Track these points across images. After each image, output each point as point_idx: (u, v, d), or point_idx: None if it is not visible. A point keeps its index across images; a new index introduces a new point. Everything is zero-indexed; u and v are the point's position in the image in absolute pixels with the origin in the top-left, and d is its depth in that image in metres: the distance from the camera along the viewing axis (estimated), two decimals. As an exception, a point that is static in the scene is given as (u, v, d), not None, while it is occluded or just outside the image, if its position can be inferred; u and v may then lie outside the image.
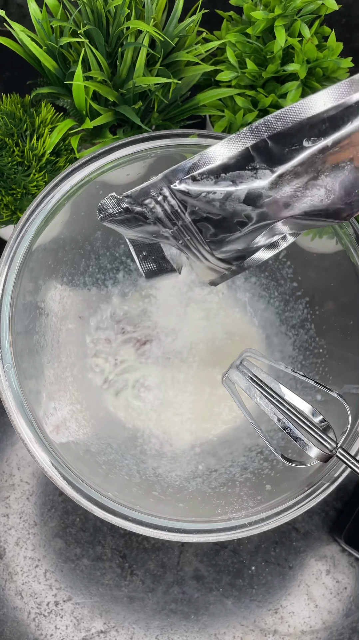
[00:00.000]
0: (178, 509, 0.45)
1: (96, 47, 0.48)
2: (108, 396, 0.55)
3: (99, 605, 0.54)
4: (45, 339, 0.48)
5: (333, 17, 0.58)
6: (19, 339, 0.43)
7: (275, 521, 0.42)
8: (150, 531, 0.41)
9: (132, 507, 0.42)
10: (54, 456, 0.41)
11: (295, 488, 0.43)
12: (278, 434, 0.52)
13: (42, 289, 0.47)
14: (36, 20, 0.49)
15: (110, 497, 0.42)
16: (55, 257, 0.48)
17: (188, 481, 0.49)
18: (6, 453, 0.57)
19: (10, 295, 0.42)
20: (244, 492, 0.47)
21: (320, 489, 0.42)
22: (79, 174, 0.44)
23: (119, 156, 0.44)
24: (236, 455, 0.52)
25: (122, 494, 0.44)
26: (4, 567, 0.54)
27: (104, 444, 0.50)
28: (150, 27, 0.47)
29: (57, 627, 0.53)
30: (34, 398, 0.44)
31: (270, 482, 0.47)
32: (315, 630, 0.54)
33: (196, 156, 0.33)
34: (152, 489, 0.47)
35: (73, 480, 0.41)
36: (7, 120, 0.48)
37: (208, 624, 0.54)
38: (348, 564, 0.55)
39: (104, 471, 0.47)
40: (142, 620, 0.53)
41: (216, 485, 0.48)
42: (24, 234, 0.43)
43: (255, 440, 0.52)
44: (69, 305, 0.51)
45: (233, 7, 0.52)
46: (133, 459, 0.50)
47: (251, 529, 0.42)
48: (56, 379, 0.49)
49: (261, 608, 0.54)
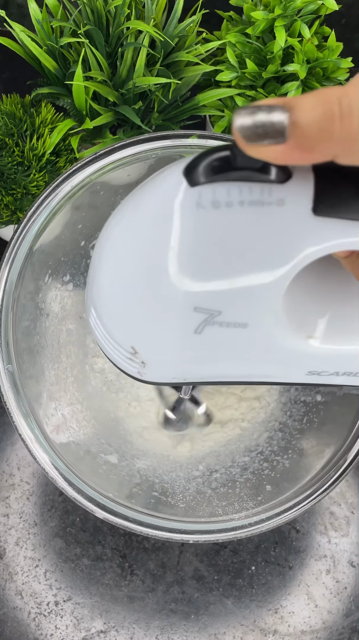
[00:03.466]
0: (179, 510, 0.45)
1: (96, 47, 0.48)
2: (108, 396, 0.55)
3: (99, 605, 0.54)
4: (45, 339, 0.48)
5: (332, 17, 0.58)
6: (19, 339, 0.43)
7: (276, 521, 0.42)
8: (151, 532, 0.41)
9: (133, 507, 0.42)
10: (54, 456, 0.41)
11: (295, 488, 0.43)
12: (278, 435, 0.52)
13: (43, 290, 0.47)
14: (36, 21, 0.49)
15: (110, 498, 0.42)
16: (56, 257, 0.48)
17: (189, 482, 0.49)
18: (6, 453, 0.57)
19: (12, 296, 0.42)
20: (244, 493, 0.47)
21: (321, 489, 0.42)
22: (80, 174, 0.44)
23: (120, 157, 0.44)
24: (237, 456, 0.52)
25: (122, 494, 0.44)
26: (4, 567, 0.55)
27: (105, 444, 0.50)
28: (150, 27, 0.47)
29: (57, 627, 0.53)
30: (35, 398, 0.44)
31: (270, 482, 0.47)
32: (315, 630, 0.54)
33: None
34: (153, 490, 0.47)
35: (74, 481, 0.41)
36: (7, 120, 0.48)
37: (208, 623, 0.54)
38: (348, 563, 0.55)
39: (104, 472, 0.47)
40: (142, 620, 0.53)
41: (217, 486, 0.48)
42: (25, 234, 0.43)
43: (254, 441, 0.52)
44: (70, 306, 0.52)
45: (233, 7, 0.52)
46: (133, 459, 0.50)
47: (252, 530, 0.42)
48: (56, 379, 0.49)
49: (261, 608, 0.54)
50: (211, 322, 0.23)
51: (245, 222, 0.20)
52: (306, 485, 0.43)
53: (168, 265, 0.22)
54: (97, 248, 0.25)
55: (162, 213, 0.21)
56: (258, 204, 0.20)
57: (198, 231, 0.21)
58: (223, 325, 0.23)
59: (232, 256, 0.21)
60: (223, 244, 0.21)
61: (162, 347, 0.25)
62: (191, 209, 0.21)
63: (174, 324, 0.23)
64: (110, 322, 0.25)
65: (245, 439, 0.53)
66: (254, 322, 0.23)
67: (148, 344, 0.25)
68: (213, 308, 0.22)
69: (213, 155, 0.20)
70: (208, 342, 0.24)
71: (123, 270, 0.23)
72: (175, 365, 0.26)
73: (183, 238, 0.21)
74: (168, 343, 0.24)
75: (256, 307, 0.22)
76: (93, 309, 0.26)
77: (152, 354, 0.25)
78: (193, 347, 0.24)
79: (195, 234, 0.21)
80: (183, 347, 0.24)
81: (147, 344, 0.25)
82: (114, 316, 0.25)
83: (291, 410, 0.52)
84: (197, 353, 0.25)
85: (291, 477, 0.46)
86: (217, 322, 0.23)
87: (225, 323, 0.23)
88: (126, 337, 0.25)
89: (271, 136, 0.17)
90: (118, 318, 0.25)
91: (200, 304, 0.22)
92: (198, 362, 0.25)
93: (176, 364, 0.26)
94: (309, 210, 0.20)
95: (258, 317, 0.23)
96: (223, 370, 0.26)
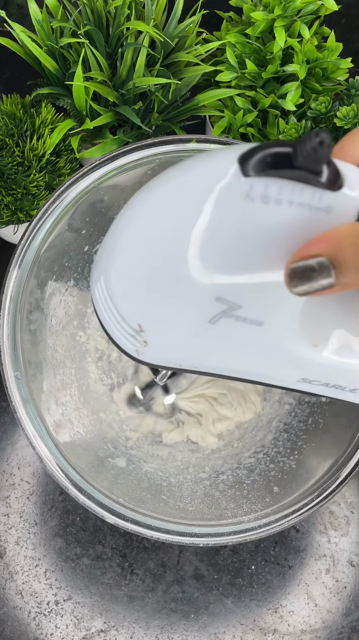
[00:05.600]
0: (188, 513, 0.45)
1: (96, 47, 0.49)
2: (114, 400, 0.55)
3: (99, 605, 0.54)
4: (50, 343, 0.48)
5: (332, 17, 0.58)
6: (26, 344, 0.43)
7: (285, 523, 0.42)
8: (162, 535, 0.41)
9: (143, 512, 0.42)
10: (62, 460, 0.41)
11: (302, 489, 0.43)
12: (283, 435, 0.52)
13: (48, 294, 0.47)
14: (36, 21, 0.49)
15: (121, 503, 0.42)
16: (61, 262, 0.48)
17: (196, 484, 0.49)
18: (6, 452, 0.57)
19: (19, 302, 0.42)
20: (252, 495, 0.47)
21: (328, 490, 0.42)
22: (85, 180, 0.44)
23: (124, 162, 0.44)
24: (243, 457, 0.52)
25: (132, 499, 0.44)
26: (4, 566, 0.55)
27: (112, 448, 0.50)
28: (150, 27, 0.47)
29: (57, 626, 0.53)
30: (44, 405, 0.44)
31: (278, 484, 0.47)
32: (315, 629, 0.54)
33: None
34: (161, 493, 0.47)
35: (85, 487, 0.41)
36: (7, 120, 0.48)
37: (208, 623, 0.54)
38: (347, 563, 0.56)
39: (113, 476, 0.47)
40: (142, 620, 0.54)
41: (224, 488, 0.48)
42: (31, 241, 0.43)
43: (260, 442, 0.52)
44: (73, 310, 0.52)
45: (233, 7, 0.52)
46: (140, 463, 0.50)
47: (261, 532, 0.42)
48: (62, 384, 0.49)
49: (260, 607, 0.54)
50: (229, 314, 0.23)
51: (289, 223, 0.21)
52: (314, 486, 0.43)
53: (200, 249, 0.21)
54: (125, 213, 0.24)
55: (206, 193, 0.21)
56: (307, 207, 0.20)
57: (240, 222, 0.21)
58: (239, 320, 0.23)
59: (268, 254, 0.21)
60: (262, 240, 0.21)
61: (171, 330, 0.24)
62: (239, 198, 0.20)
63: (191, 309, 0.23)
64: (121, 295, 0.24)
65: (248, 441, 0.53)
66: (270, 321, 0.23)
67: (158, 324, 0.24)
68: (235, 301, 0.22)
69: (273, 148, 0.20)
70: (219, 334, 0.24)
71: (149, 240, 0.22)
72: (176, 351, 0.25)
73: (222, 225, 0.21)
74: (179, 328, 0.24)
75: (277, 308, 0.23)
76: (102, 278, 0.24)
77: (158, 335, 0.25)
78: (202, 336, 0.24)
79: (236, 224, 0.21)
80: (193, 335, 0.24)
81: (156, 324, 0.24)
82: (127, 289, 0.24)
83: (295, 410, 0.52)
84: (204, 343, 0.24)
85: (299, 478, 0.46)
86: (234, 316, 0.23)
87: (242, 318, 0.23)
88: (135, 313, 0.24)
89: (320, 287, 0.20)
90: (131, 292, 0.24)
91: (224, 295, 0.22)
92: (201, 352, 0.25)
93: (178, 350, 0.25)
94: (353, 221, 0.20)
95: (276, 318, 0.23)
96: (221, 363, 0.26)
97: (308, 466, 0.47)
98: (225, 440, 0.54)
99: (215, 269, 0.22)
